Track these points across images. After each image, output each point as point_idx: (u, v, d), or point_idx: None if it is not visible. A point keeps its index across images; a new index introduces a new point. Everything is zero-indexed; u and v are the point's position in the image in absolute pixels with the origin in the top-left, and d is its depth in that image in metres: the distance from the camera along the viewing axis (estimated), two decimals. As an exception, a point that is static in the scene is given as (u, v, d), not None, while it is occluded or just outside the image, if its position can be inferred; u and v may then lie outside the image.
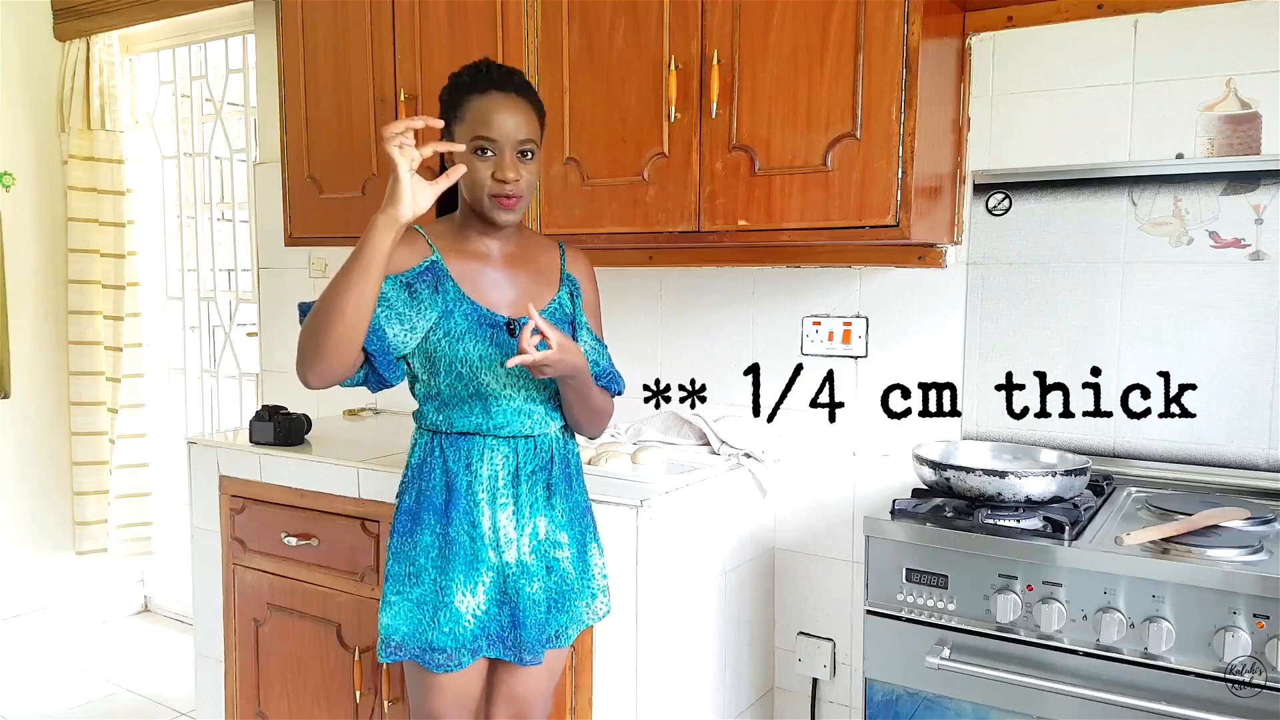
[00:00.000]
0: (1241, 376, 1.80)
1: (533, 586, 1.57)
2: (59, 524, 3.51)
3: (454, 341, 1.53)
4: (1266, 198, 1.76)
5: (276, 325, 3.13)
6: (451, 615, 1.54)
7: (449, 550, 1.55)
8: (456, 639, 1.54)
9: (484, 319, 1.55)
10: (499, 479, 1.57)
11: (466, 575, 1.55)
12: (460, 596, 1.54)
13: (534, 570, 1.58)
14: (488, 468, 1.57)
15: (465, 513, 1.56)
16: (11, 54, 3.31)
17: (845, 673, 2.23)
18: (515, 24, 2.10)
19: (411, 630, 1.55)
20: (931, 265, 2.03)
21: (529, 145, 1.53)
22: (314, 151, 2.48)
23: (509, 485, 1.58)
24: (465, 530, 1.56)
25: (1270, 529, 1.56)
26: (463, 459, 1.57)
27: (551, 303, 1.63)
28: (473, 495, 1.56)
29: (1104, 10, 1.86)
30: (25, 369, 3.39)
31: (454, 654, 1.55)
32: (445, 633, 1.54)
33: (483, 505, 1.56)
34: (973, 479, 1.65)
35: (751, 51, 1.83)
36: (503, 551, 1.57)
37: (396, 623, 1.56)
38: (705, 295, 2.34)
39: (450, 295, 1.53)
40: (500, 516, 1.57)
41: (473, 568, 1.55)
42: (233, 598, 2.33)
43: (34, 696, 3.07)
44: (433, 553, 1.56)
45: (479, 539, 1.56)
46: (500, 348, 1.54)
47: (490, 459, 1.57)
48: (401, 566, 1.57)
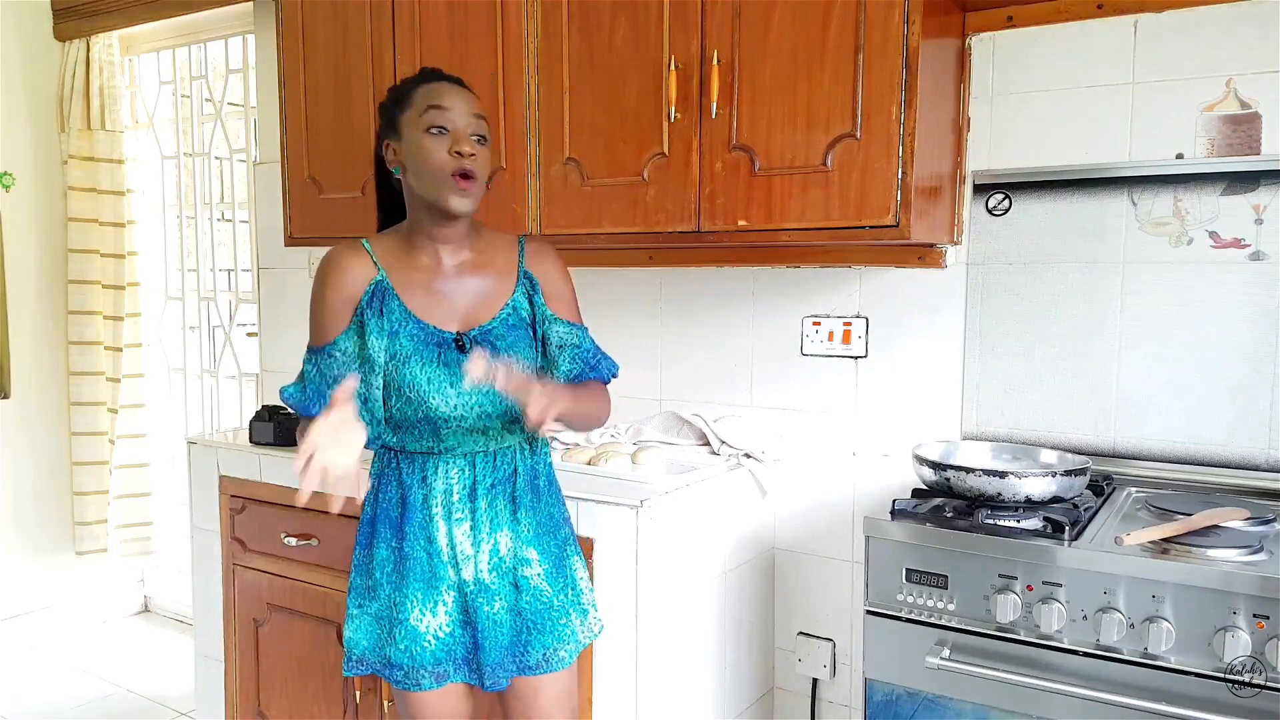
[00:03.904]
0: (1241, 376, 1.80)
1: (493, 606, 1.51)
2: (59, 524, 3.51)
3: (400, 365, 1.46)
4: (1266, 198, 1.76)
5: (276, 325, 3.13)
6: (407, 633, 1.49)
7: (404, 566, 1.50)
8: (414, 657, 1.49)
9: (430, 338, 1.48)
10: (454, 493, 1.51)
11: (425, 593, 1.50)
12: (417, 614, 1.49)
13: (495, 589, 1.52)
14: (442, 482, 1.51)
15: (421, 527, 1.50)
16: (11, 54, 3.31)
17: (845, 673, 2.23)
18: (515, 24, 2.10)
19: (371, 645, 1.53)
20: (931, 265, 2.03)
21: (482, 127, 1.48)
22: (314, 151, 2.48)
23: (464, 500, 1.51)
24: (421, 546, 1.50)
25: (1270, 529, 1.56)
26: (417, 473, 1.51)
27: (504, 308, 1.54)
28: (428, 510, 1.50)
29: (1104, 10, 1.86)
30: (25, 369, 3.39)
31: (411, 672, 1.50)
32: (401, 650, 1.50)
33: (438, 520, 1.50)
34: (973, 479, 1.65)
35: (751, 51, 1.83)
36: (461, 569, 1.51)
37: (358, 636, 1.54)
38: (705, 295, 2.34)
39: (395, 315, 1.48)
40: (456, 532, 1.51)
41: (431, 585, 1.50)
42: (233, 598, 2.33)
43: (34, 696, 3.07)
44: (388, 567, 1.52)
45: (435, 555, 1.50)
46: (448, 367, 1.47)
47: (445, 474, 1.51)
48: (361, 579, 1.55)
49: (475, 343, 1.49)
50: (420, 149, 1.45)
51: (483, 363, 1.33)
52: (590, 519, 1.78)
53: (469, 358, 1.36)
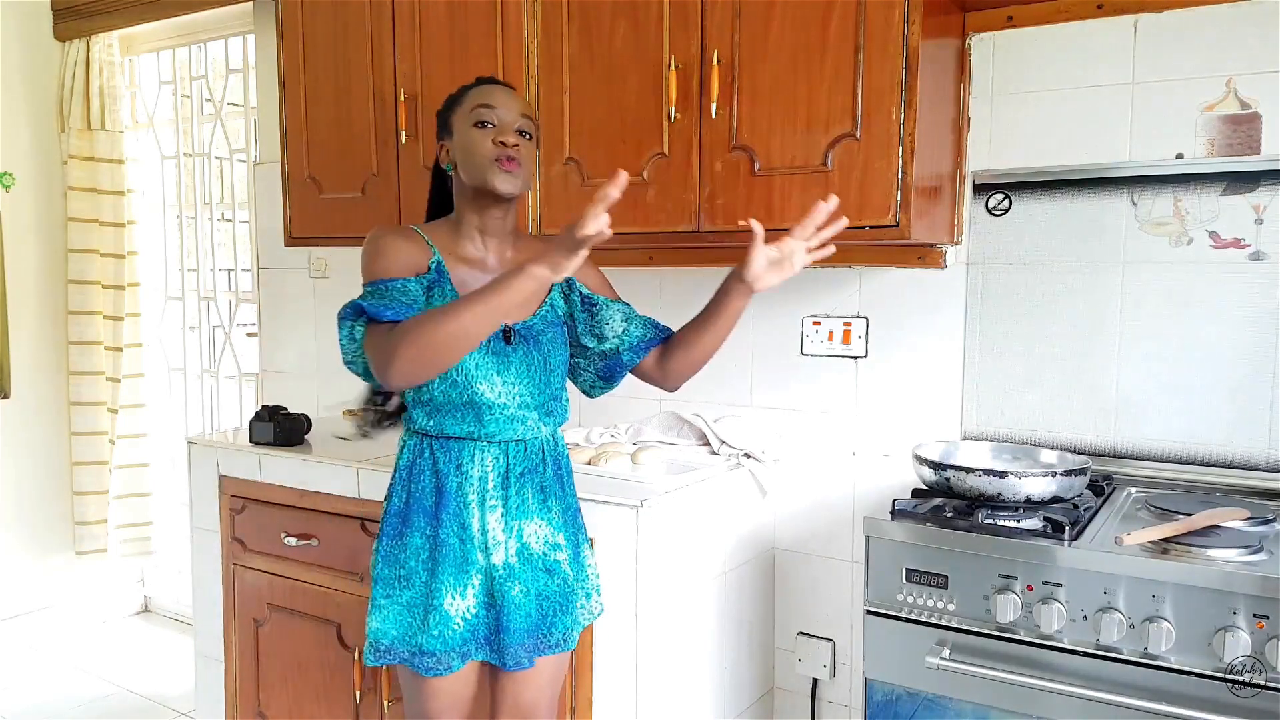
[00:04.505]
0: (1241, 376, 1.80)
1: (516, 589, 1.56)
2: (59, 524, 3.51)
3: None
4: (1266, 198, 1.76)
5: (276, 325, 3.13)
6: (441, 618, 1.53)
7: (438, 553, 1.54)
8: (445, 642, 1.53)
9: None
10: (489, 481, 1.56)
11: (456, 578, 1.54)
12: (450, 599, 1.53)
13: (519, 572, 1.57)
14: (478, 469, 1.56)
15: (455, 514, 1.55)
16: (11, 54, 3.31)
17: (845, 673, 2.23)
18: (515, 24, 2.10)
19: (401, 634, 1.55)
20: (931, 265, 2.03)
21: (527, 125, 1.56)
22: (314, 151, 2.48)
23: (499, 487, 1.57)
24: (455, 532, 1.55)
25: (1270, 529, 1.56)
26: (453, 460, 1.56)
27: (544, 305, 1.62)
28: (463, 497, 1.55)
29: (1104, 10, 1.87)
30: (25, 369, 3.39)
31: (443, 657, 1.54)
32: (435, 636, 1.53)
33: (473, 507, 1.55)
34: (973, 479, 1.65)
35: (751, 51, 1.83)
36: (490, 554, 1.56)
37: (386, 626, 1.55)
38: (705, 295, 2.31)
39: (448, 299, 1.53)
40: (490, 519, 1.56)
41: (462, 570, 1.54)
42: (233, 598, 2.33)
43: (34, 696, 3.07)
44: (423, 555, 1.55)
45: (469, 541, 1.55)
46: (497, 356, 1.53)
47: (481, 461, 1.56)
48: (391, 569, 1.57)
49: (521, 336, 1.56)
50: (468, 141, 1.53)
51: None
52: (590, 519, 1.78)
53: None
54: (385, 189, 2.35)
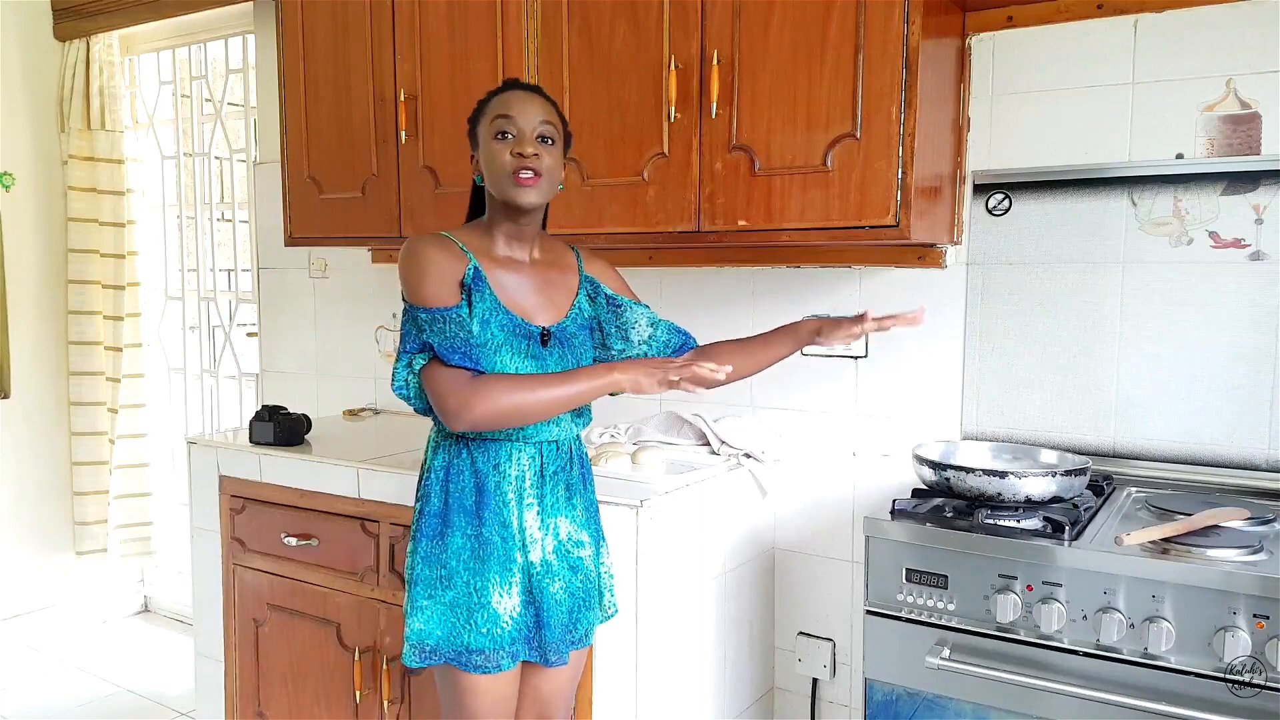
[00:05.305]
0: (1241, 376, 1.80)
1: (554, 586, 1.59)
2: (59, 524, 3.51)
3: (491, 353, 1.52)
4: (1266, 198, 1.76)
5: (276, 325, 3.13)
6: (490, 616, 1.54)
7: (483, 551, 1.55)
8: (495, 640, 1.54)
9: (519, 329, 1.55)
10: (526, 479, 1.58)
11: (502, 576, 1.56)
12: (498, 597, 1.55)
13: (556, 569, 1.59)
14: (515, 468, 1.58)
15: (496, 513, 1.56)
16: (11, 54, 3.31)
17: (845, 673, 2.23)
18: (515, 24, 2.10)
19: (446, 634, 1.55)
20: (931, 265, 2.03)
21: (548, 130, 1.55)
22: (314, 151, 2.48)
23: (535, 486, 1.59)
24: (497, 531, 1.56)
25: (1270, 529, 1.56)
26: (491, 460, 1.57)
27: (573, 308, 1.64)
28: (502, 495, 1.57)
29: (1104, 10, 1.87)
30: (25, 369, 3.39)
31: (492, 655, 1.54)
32: (483, 634, 1.54)
33: (511, 505, 1.57)
34: (973, 479, 1.65)
35: (751, 51, 1.83)
36: (529, 551, 1.58)
37: (430, 627, 1.56)
38: (705, 295, 2.34)
39: (488, 303, 1.54)
40: (527, 516, 1.58)
41: (506, 569, 1.56)
42: (233, 598, 2.33)
43: (34, 696, 3.07)
44: (464, 555, 1.56)
45: (509, 539, 1.56)
46: (535, 359, 1.55)
47: (518, 460, 1.58)
48: (432, 570, 1.57)
49: (556, 338, 1.59)
50: (489, 153, 1.55)
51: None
52: (590, 519, 1.78)
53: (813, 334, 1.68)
54: (385, 189, 2.35)
